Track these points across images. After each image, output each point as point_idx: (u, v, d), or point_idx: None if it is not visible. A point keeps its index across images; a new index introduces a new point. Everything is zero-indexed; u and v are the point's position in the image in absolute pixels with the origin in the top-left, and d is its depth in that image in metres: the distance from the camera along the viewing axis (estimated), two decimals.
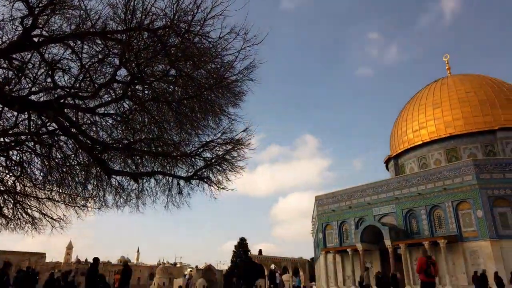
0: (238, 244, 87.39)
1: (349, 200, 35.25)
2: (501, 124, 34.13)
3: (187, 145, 9.47)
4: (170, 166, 9.60)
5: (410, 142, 39.11)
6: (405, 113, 41.54)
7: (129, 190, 9.93)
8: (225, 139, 9.04)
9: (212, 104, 8.41)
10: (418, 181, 30.42)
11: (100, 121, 8.83)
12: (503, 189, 26.35)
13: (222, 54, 7.45)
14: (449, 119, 36.20)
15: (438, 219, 28.83)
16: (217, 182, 9.46)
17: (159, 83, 7.91)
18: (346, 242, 34.83)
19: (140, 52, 6.96)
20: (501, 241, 25.18)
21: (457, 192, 27.77)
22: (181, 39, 6.91)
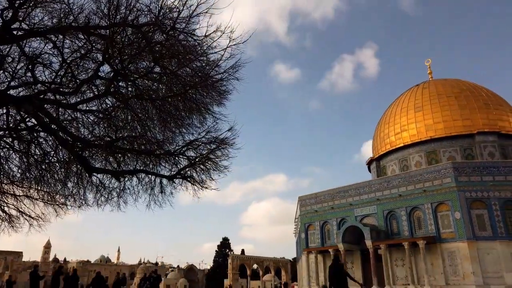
0: (221, 244, 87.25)
1: (331, 201, 35.60)
2: (479, 128, 35.09)
3: (170, 143, 9.39)
4: (153, 164, 9.50)
5: (392, 144, 39.78)
6: (387, 116, 42.22)
7: (111, 188, 9.78)
8: (209, 138, 8.99)
9: (196, 102, 8.36)
10: (399, 183, 30.96)
11: (81, 117, 8.66)
12: (480, 192, 27.08)
13: (208, 53, 7.42)
14: (430, 123, 36.98)
15: (418, 220, 29.41)
16: (200, 181, 9.41)
17: (143, 80, 7.81)
18: (328, 242, 35.17)
19: (124, 48, 6.86)
20: (477, 242, 25.87)
21: (436, 194, 28.39)
22: (166, 36, 6.85)
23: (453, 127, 35.91)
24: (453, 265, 26.33)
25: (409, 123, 38.44)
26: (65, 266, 69.09)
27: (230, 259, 62.53)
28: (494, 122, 35.65)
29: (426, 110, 37.71)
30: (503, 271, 24.80)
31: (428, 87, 40.14)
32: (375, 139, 43.88)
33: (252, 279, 69.40)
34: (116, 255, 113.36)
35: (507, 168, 27.59)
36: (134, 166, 9.46)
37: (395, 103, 42.60)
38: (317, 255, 34.77)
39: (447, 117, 36.42)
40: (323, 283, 22.89)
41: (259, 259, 65.58)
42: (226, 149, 9.10)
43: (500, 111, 36.56)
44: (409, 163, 37.96)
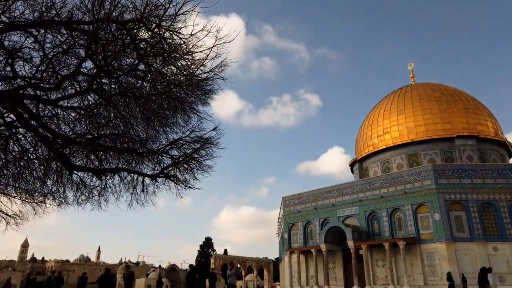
0: (204, 244, 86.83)
1: (314, 202, 35.88)
2: (459, 132, 35.95)
3: (154, 142, 9.29)
4: (135, 163, 9.37)
5: (374, 147, 40.36)
6: (370, 118, 42.82)
7: (92, 186, 9.60)
8: (193, 137, 8.94)
9: (181, 101, 8.29)
10: (381, 184, 31.45)
11: (62, 114, 8.47)
12: (459, 194, 27.75)
13: (193, 51, 7.37)
14: (411, 125, 37.68)
15: (398, 221, 29.92)
16: (184, 180, 9.34)
17: (126, 77, 7.70)
18: (310, 242, 35.42)
19: (107, 45, 6.75)
20: (455, 243, 26.50)
21: (416, 196, 28.95)
22: (151, 33, 6.78)
23: (434, 130, 36.69)
24: (431, 266, 26.90)
25: (392, 125, 39.09)
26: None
27: (212, 258, 62.29)
28: (473, 126, 36.60)
29: (408, 113, 38.41)
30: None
31: (411, 90, 40.91)
32: (358, 141, 44.44)
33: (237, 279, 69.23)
34: (96, 254, 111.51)
35: (484, 171, 28.37)
36: (116, 165, 9.31)
37: (378, 105, 43.25)
38: (300, 255, 34.99)
39: (428, 121, 37.19)
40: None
41: (242, 259, 65.54)
42: (211, 148, 9.07)
43: (478, 116, 37.56)
44: (391, 165, 38.59)
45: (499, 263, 25.76)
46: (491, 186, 27.69)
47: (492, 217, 27.19)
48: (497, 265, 25.67)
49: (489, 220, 27.18)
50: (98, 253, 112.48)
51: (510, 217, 26.80)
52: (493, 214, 27.23)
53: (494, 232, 26.81)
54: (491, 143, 37.08)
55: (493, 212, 27.27)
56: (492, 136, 37.16)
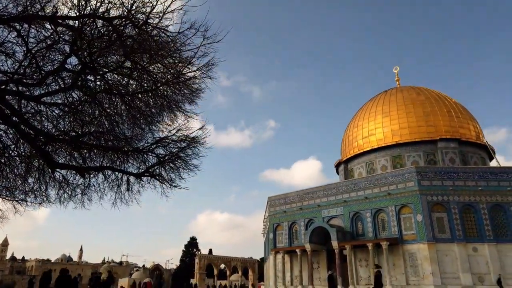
0: (188, 244, 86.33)
1: (300, 202, 36.07)
2: (441, 135, 36.66)
3: (139, 140, 9.21)
4: (120, 161, 9.27)
5: (359, 148, 40.80)
6: (356, 120, 43.29)
7: (74, 185, 9.46)
8: (180, 136, 8.90)
9: (168, 99, 8.24)
10: (365, 185, 31.81)
11: (45, 110, 8.31)
12: (441, 196, 28.29)
13: (181, 50, 7.33)
14: (396, 128, 38.24)
15: (382, 222, 30.33)
16: (169, 179, 9.28)
17: (112, 74, 7.62)
18: (295, 242, 35.59)
19: (93, 41, 6.65)
20: (437, 244, 27.01)
21: (400, 197, 29.39)
22: (138, 30, 6.71)
23: (418, 133, 37.32)
24: (413, 266, 27.35)
25: (376, 127, 39.59)
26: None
27: (197, 258, 62.03)
28: (456, 129, 37.36)
29: (393, 115, 38.97)
30: (459, 272, 26.04)
31: (396, 93, 41.51)
32: (343, 142, 44.86)
33: (219, 279, 69.14)
34: (79, 254, 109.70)
35: (466, 173, 28.99)
36: (100, 163, 9.19)
37: (364, 107, 43.75)
38: (285, 255, 35.12)
39: (412, 123, 37.80)
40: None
41: (226, 259, 65.46)
42: (197, 147, 9.04)
43: (461, 119, 38.36)
44: (375, 166, 39.08)
45: (478, 263, 26.37)
46: (472, 189, 28.32)
47: (473, 219, 27.81)
48: (477, 265, 26.28)
49: (470, 222, 27.79)
50: (81, 252, 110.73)
51: (490, 219, 27.46)
52: (473, 216, 27.85)
53: (474, 233, 27.42)
54: (472, 146, 37.93)
55: (473, 214, 27.89)
56: (473, 139, 38.01)
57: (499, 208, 27.94)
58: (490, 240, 26.88)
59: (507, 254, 26.53)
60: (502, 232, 27.36)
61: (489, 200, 28.00)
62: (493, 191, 28.17)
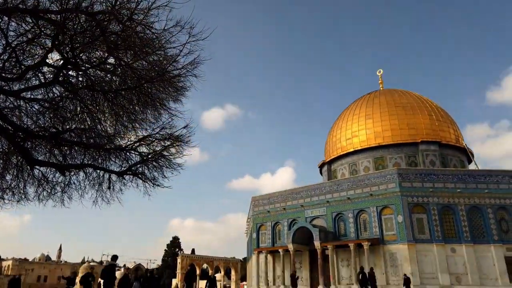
0: (171, 243, 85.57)
1: (283, 202, 36.22)
2: (423, 138, 37.43)
3: (122, 138, 9.08)
4: (102, 159, 9.12)
5: (343, 149, 41.27)
6: (340, 121, 43.77)
7: (54, 182, 9.26)
8: (164, 135, 8.82)
9: (152, 97, 8.15)
10: (348, 186, 32.19)
11: (25, 106, 8.11)
12: (421, 197, 28.87)
13: (166, 47, 7.26)
14: (378, 130, 38.84)
15: (364, 222, 30.74)
16: (152, 178, 9.19)
17: (95, 70, 7.49)
18: (278, 242, 35.73)
19: (76, 36, 6.53)
20: (417, 244, 27.54)
21: (381, 198, 29.85)
22: (123, 26, 6.61)
23: (400, 135, 38.00)
24: (394, 266, 27.82)
25: (360, 129, 40.13)
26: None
27: (179, 258, 61.56)
28: (436, 132, 38.20)
29: (376, 118, 39.57)
30: (438, 272, 26.63)
31: (379, 96, 42.16)
32: (327, 143, 45.28)
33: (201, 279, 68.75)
34: (57, 253, 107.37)
35: (445, 176, 29.66)
36: (81, 160, 9.02)
37: (348, 109, 44.28)
38: (267, 255, 35.21)
39: (394, 126, 38.47)
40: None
41: (209, 258, 65.17)
42: (181, 146, 8.97)
43: (441, 123, 39.24)
44: (358, 167, 39.60)
45: (456, 264, 27.02)
46: (451, 190, 29.00)
47: (451, 220, 28.48)
48: (455, 266, 26.93)
49: (448, 223, 28.45)
50: (60, 252, 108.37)
51: (468, 220, 28.17)
52: (452, 217, 28.52)
53: (452, 234, 28.08)
54: (452, 149, 38.85)
55: (452, 215, 28.56)
56: (453, 142, 38.95)
57: (476, 210, 28.70)
58: (468, 241, 27.57)
59: (484, 255, 27.27)
60: (479, 234, 28.11)
61: (467, 202, 28.73)
62: (471, 193, 28.91)
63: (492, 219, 28.26)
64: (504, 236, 28.06)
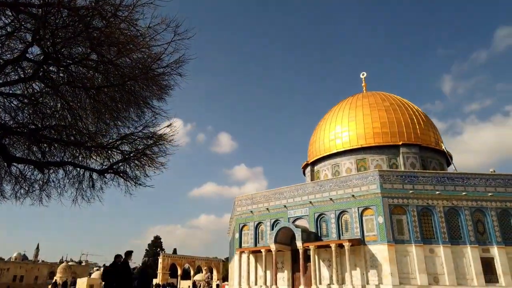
0: (152, 243, 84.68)
1: (267, 202, 36.32)
2: (404, 140, 38.17)
3: (104, 136, 8.94)
4: (82, 157, 8.96)
5: (326, 150, 41.68)
6: (323, 123, 44.19)
7: (32, 180, 9.05)
8: (146, 133, 8.73)
9: (135, 95, 8.06)
10: (330, 187, 32.52)
11: (3, 101, 7.90)
12: (401, 199, 29.42)
13: (150, 45, 7.19)
14: (361, 132, 39.39)
15: (345, 223, 31.11)
16: (134, 177, 9.08)
17: (77, 66, 7.35)
18: (261, 242, 35.79)
19: (57, 31, 6.39)
20: (396, 245, 28.05)
21: (363, 199, 30.28)
22: (106, 22, 6.51)
23: (381, 138, 38.63)
24: (374, 266, 28.26)
25: (343, 131, 40.62)
26: None
27: (160, 258, 60.99)
28: (417, 135, 39.00)
29: (359, 120, 40.13)
30: (416, 272, 27.18)
31: (362, 98, 42.76)
32: (311, 144, 45.64)
33: (183, 279, 68.29)
34: (35, 252, 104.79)
35: (425, 178, 30.31)
36: (61, 158, 8.84)
37: (332, 111, 44.76)
38: (250, 255, 35.24)
39: (376, 128, 39.08)
40: None
41: (191, 258, 64.79)
42: (164, 145, 8.90)
43: (422, 126, 40.07)
44: (341, 169, 40.05)
45: (434, 264, 27.64)
46: (430, 192, 29.65)
47: (430, 221, 29.11)
48: (433, 266, 27.54)
49: (427, 224, 29.08)
50: (37, 251, 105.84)
51: (446, 222, 28.86)
52: (430, 219, 29.16)
53: (431, 235, 28.71)
54: (432, 151, 39.74)
55: (430, 217, 29.21)
56: (433, 145, 39.83)
57: (454, 212, 29.43)
58: (446, 242, 28.24)
59: (461, 256, 28.00)
60: (456, 235, 28.82)
61: (446, 204, 29.43)
62: (450, 195, 29.64)
63: (469, 220, 29.03)
64: (480, 237, 28.86)
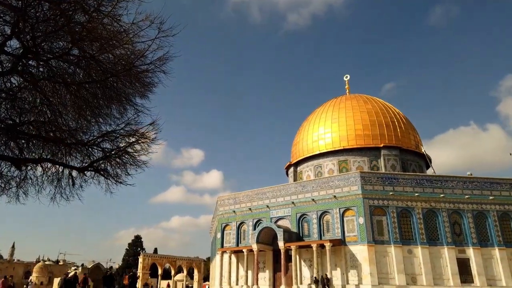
0: (133, 242, 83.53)
1: (249, 202, 36.34)
2: (385, 143, 38.84)
3: (84, 133, 8.77)
4: (62, 154, 8.76)
5: (309, 151, 42.02)
6: (307, 124, 44.53)
7: (9, 177, 8.79)
8: (129, 131, 8.60)
9: (117, 92, 7.94)
10: (313, 188, 32.79)
11: None
12: (382, 200, 29.92)
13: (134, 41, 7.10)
14: (343, 134, 39.88)
15: (327, 223, 31.42)
16: (115, 175, 8.93)
17: (57, 61, 7.18)
18: (243, 242, 35.78)
19: (38, 24, 6.24)
20: (376, 245, 28.51)
21: (344, 200, 30.65)
22: (89, 17, 6.39)
23: (363, 140, 39.20)
24: (354, 266, 28.64)
25: (326, 132, 41.04)
26: None
27: (141, 257, 60.22)
28: (398, 138, 39.74)
29: (341, 122, 40.62)
30: (395, 273, 27.69)
31: (345, 101, 43.30)
32: (294, 145, 45.91)
33: (163, 279, 67.61)
34: (10, 251, 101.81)
35: (405, 180, 30.90)
36: (39, 154, 8.63)
37: (315, 112, 45.14)
38: (231, 255, 35.18)
39: (359, 130, 39.64)
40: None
41: (172, 258, 64.21)
42: (147, 143, 8.79)
43: (403, 129, 40.87)
44: (323, 170, 40.44)
45: (412, 265, 28.23)
46: (409, 194, 30.27)
47: (409, 223, 29.71)
48: (411, 266, 28.12)
49: (406, 225, 29.67)
50: (12, 250, 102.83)
51: (424, 223, 29.51)
52: (409, 220, 29.77)
53: (409, 236, 29.31)
54: (412, 154, 40.58)
55: (409, 218, 29.81)
56: (413, 148, 40.68)
57: (432, 214, 30.11)
58: (424, 243, 28.87)
59: (438, 256, 28.68)
60: (434, 236, 29.50)
61: (424, 206, 30.08)
62: (428, 197, 30.31)
63: (446, 222, 29.76)
64: (457, 238, 29.62)
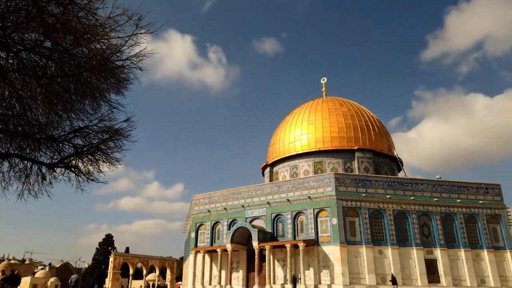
0: (103, 241, 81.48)
1: (224, 202, 36.23)
2: (359, 145, 39.65)
3: (55, 128, 8.50)
4: (30, 149, 8.45)
5: (285, 152, 42.34)
6: (284, 125, 44.86)
7: None
8: (102, 127, 8.41)
9: (91, 87, 7.74)
10: (288, 188, 33.06)
11: None
12: (355, 201, 30.52)
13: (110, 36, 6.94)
14: (319, 136, 40.42)
15: (301, 224, 31.75)
16: (86, 172, 8.71)
17: (28, 53, 6.93)
18: (217, 242, 35.64)
19: (8, 14, 5.99)
20: (348, 246, 29.05)
21: (319, 201, 31.07)
22: (63, 9, 6.20)
23: (338, 142, 39.87)
24: (326, 266, 29.07)
25: (302, 134, 41.48)
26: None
27: (112, 257, 58.91)
28: (371, 141, 40.65)
29: (318, 124, 41.16)
30: (366, 273, 28.31)
31: (322, 103, 43.89)
32: (271, 145, 46.13)
33: (135, 279, 66.40)
34: None
35: (377, 182, 31.66)
36: (6, 149, 8.29)
37: (292, 114, 45.53)
38: (205, 254, 34.96)
39: (334, 133, 40.30)
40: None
41: (144, 257, 63.11)
42: (120, 140, 8.61)
43: (376, 132, 41.84)
44: (299, 170, 40.85)
45: (382, 265, 28.95)
46: (381, 196, 31.03)
47: (380, 224, 30.46)
48: (381, 267, 28.82)
49: (377, 227, 30.41)
50: None
51: (394, 225, 30.33)
52: (381, 221, 30.52)
53: (380, 237, 30.04)
54: (384, 157, 41.62)
55: (381, 219, 30.56)
56: (386, 151, 41.72)
57: (402, 215, 30.98)
58: (394, 244, 29.66)
59: (407, 257, 29.54)
60: (404, 237, 30.36)
61: (395, 208, 30.91)
62: (399, 200, 31.17)
63: (415, 224, 30.68)
64: (425, 240, 30.60)
